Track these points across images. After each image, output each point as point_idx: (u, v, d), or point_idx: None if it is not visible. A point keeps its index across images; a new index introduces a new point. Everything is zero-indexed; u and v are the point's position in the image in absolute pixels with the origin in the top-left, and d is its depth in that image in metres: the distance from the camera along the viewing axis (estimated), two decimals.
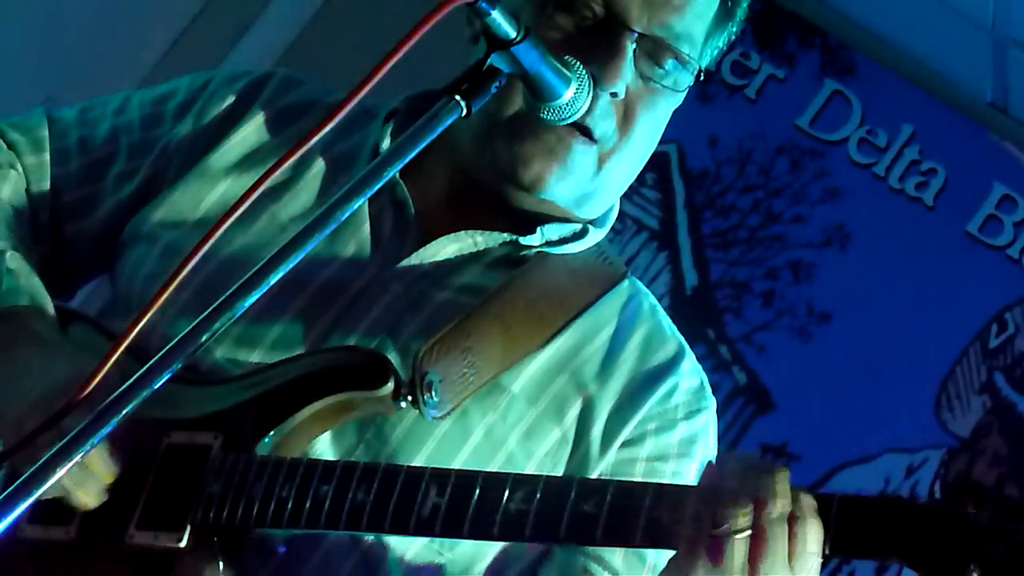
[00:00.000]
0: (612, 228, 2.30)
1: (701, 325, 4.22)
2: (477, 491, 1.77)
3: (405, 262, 2.07)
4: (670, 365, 2.13)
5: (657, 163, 4.38)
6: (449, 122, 1.73)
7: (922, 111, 4.36)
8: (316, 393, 1.93)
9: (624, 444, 2.07)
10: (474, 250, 2.11)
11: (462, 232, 2.09)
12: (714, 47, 2.16)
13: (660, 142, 2.12)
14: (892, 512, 1.63)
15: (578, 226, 2.17)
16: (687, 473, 2.11)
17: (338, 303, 2.06)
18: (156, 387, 1.57)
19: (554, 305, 2.13)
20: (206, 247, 1.60)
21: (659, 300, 3.76)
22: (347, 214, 1.65)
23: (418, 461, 1.96)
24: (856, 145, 4.33)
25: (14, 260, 2.07)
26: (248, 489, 1.87)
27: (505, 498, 1.75)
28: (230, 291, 1.58)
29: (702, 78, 2.17)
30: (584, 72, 1.87)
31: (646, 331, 2.15)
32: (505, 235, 2.10)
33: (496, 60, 1.77)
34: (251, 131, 2.20)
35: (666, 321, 2.18)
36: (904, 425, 4.09)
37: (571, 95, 1.87)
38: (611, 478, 2.04)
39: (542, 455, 2.04)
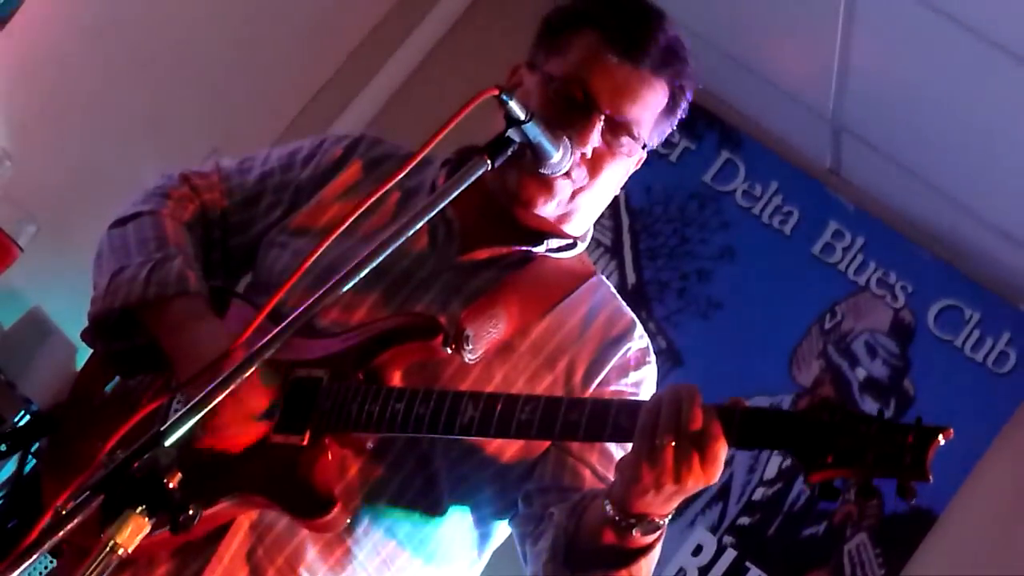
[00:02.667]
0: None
1: (637, 309, 3.88)
2: (499, 406, 2.13)
3: (453, 263, 2.48)
4: (626, 332, 2.50)
5: (611, 202, 4.79)
6: (479, 174, 2.11)
7: (784, 172, 5.09)
8: (393, 342, 2.31)
9: (597, 385, 2.43)
10: (498, 254, 2.50)
11: (493, 244, 2.49)
12: (661, 132, 2.53)
13: None
14: (774, 418, 1.99)
15: (569, 240, 2.55)
16: None
17: (408, 285, 2.45)
18: (286, 338, 1.89)
19: (550, 290, 2.49)
20: (322, 248, 1.99)
21: None
22: (414, 230, 2.02)
23: None
24: (741, 194, 5.11)
25: (185, 264, 2.45)
26: (348, 405, 2.24)
27: (518, 410, 2.12)
28: (337, 277, 1.96)
29: (647, 151, 2.50)
30: (569, 143, 2.26)
31: (610, 310, 2.52)
32: (521, 247, 2.50)
33: (511, 133, 2.14)
34: (351, 173, 2.61)
35: (623, 303, 2.57)
36: (768, 377, 4.83)
37: (559, 156, 2.25)
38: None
39: (541, 390, 2.40)
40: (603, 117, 2.37)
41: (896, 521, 4.67)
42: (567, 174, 2.36)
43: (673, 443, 1.96)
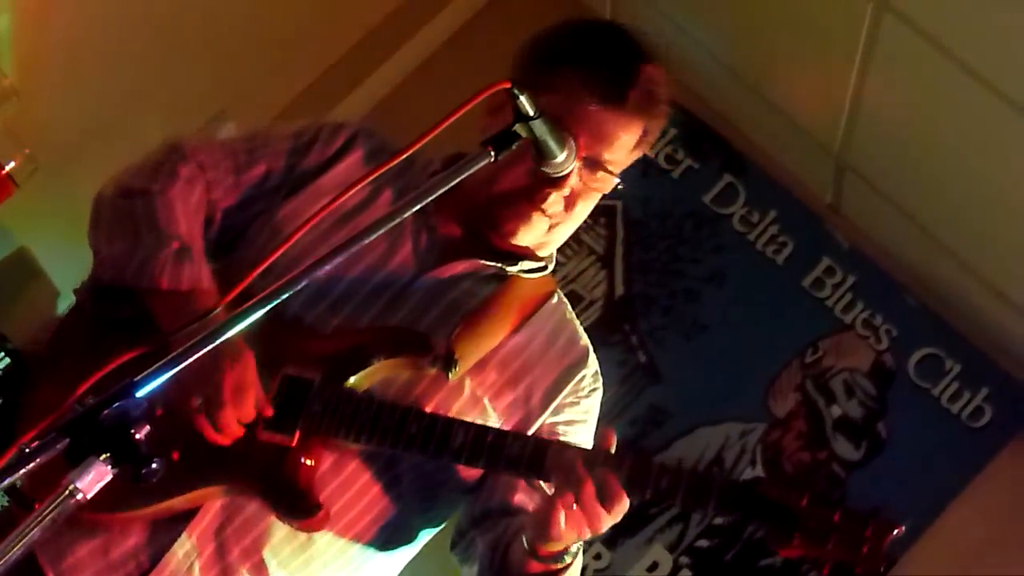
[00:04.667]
0: (575, 250, 3.18)
1: (622, 321, 4.89)
2: (490, 438, 2.36)
3: (432, 273, 2.60)
4: (582, 359, 2.68)
5: (608, 212, 5.07)
6: (481, 165, 2.10)
7: (784, 202, 5.06)
8: (385, 353, 2.44)
9: (552, 410, 2.60)
10: (473, 268, 2.63)
11: (471, 259, 2.62)
12: (633, 159, 2.64)
13: (612, 198, 2.51)
14: (748, 496, 2.24)
15: (541, 263, 2.71)
16: (586, 432, 2.67)
17: (390, 290, 2.56)
18: (274, 302, 1.90)
19: (519, 309, 2.63)
20: (298, 236, 1.97)
21: (596, 302, 4.76)
22: (408, 213, 2.02)
23: (429, 407, 2.47)
24: (739, 219, 5.06)
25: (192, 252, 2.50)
26: (339, 412, 2.37)
27: (507, 445, 2.35)
28: (304, 266, 1.95)
29: (610, 183, 2.60)
30: (573, 144, 2.29)
31: (568, 333, 2.69)
32: (497, 263, 2.64)
33: (519, 128, 2.15)
34: (349, 164, 2.67)
35: (578, 325, 2.73)
36: (744, 404, 4.81)
37: (563, 156, 2.27)
38: (537, 434, 2.55)
39: (502, 408, 2.56)
40: (580, 160, 2.44)
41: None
42: (544, 212, 2.54)
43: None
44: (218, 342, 1.85)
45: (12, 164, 3.49)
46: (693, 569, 4.69)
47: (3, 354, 3.95)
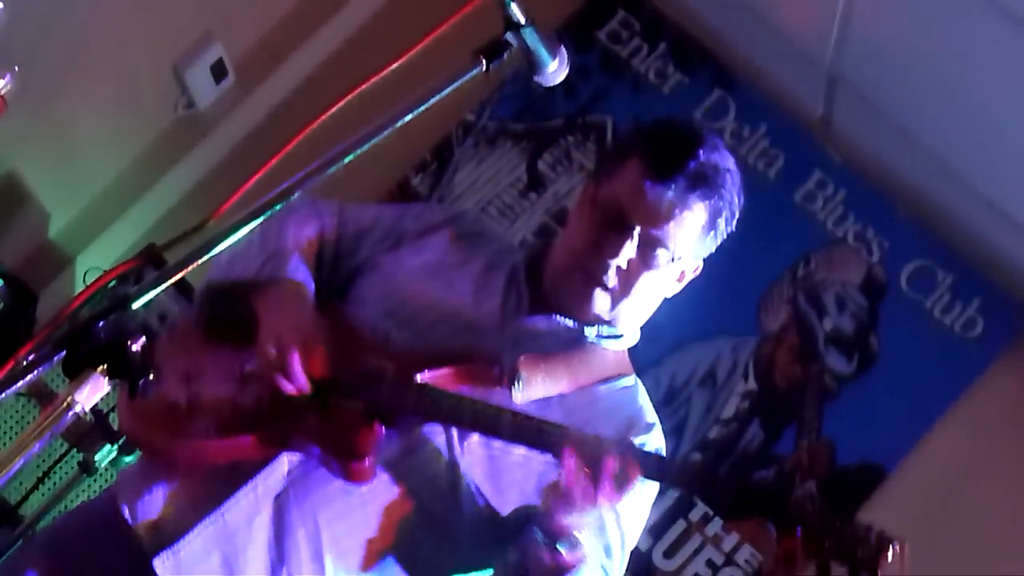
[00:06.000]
0: (565, 167, 3.28)
1: None
2: (539, 424, 2.51)
3: (514, 324, 2.78)
4: (645, 430, 2.76)
5: (598, 128, 5.10)
6: (471, 75, 2.14)
7: (774, 117, 5.11)
8: (455, 361, 2.64)
9: None
10: (555, 327, 2.78)
11: (552, 316, 2.77)
12: (705, 245, 2.79)
13: (602, 113, 3.17)
14: (758, 493, 2.43)
15: (618, 333, 2.82)
16: (636, 509, 2.72)
17: (473, 331, 2.74)
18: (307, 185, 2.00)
19: (593, 371, 2.76)
20: (330, 111, 2.12)
21: None
22: (402, 122, 2.07)
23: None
24: (730, 133, 5.09)
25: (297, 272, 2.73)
26: (406, 393, 2.58)
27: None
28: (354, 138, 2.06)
29: (679, 265, 2.75)
30: (564, 52, 2.33)
31: (636, 408, 2.79)
32: (572, 322, 2.77)
33: (509, 37, 2.17)
34: (440, 239, 2.88)
35: (650, 407, 2.81)
36: (736, 318, 4.88)
37: (555, 65, 2.31)
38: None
39: None
40: (635, 234, 2.63)
41: (846, 474, 4.71)
42: (605, 286, 2.68)
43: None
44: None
45: (1, 83, 3.46)
46: None
47: None
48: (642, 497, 2.68)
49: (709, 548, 4.67)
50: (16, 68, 3.56)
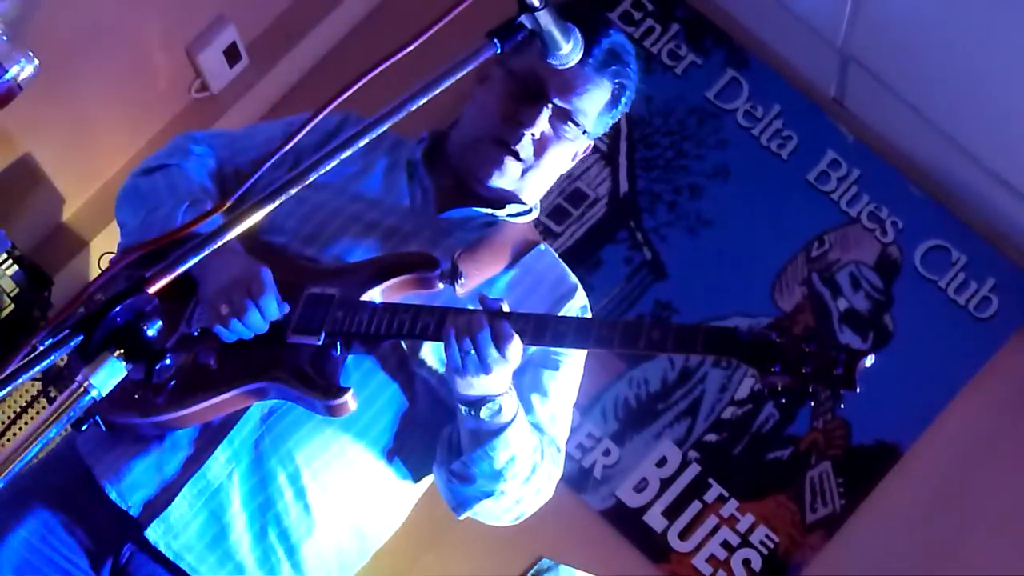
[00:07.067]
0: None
1: (627, 218, 4.94)
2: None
3: (428, 221, 2.88)
4: (570, 293, 2.92)
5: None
6: (486, 56, 2.10)
7: (787, 96, 5.07)
8: (396, 272, 2.70)
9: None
10: (467, 216, 2.91)
11: (467, 207, 2.89)
12: (605, 123, 2.93)
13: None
14: (731, 337, 2.44)
15: (526, 207, 2.98)
16: (572, 363, 2.90)
17: (396, 236, 2.83)
18: (269, 205, 1.92)
19: (511, 250, 2.88)
20: (274, 157, 2.04)
21: (601, 200, 4.99)
22: (407, 111, 2.02)
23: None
24: (743, 114, 5.07)
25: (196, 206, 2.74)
26: (358, 314, 2.62)
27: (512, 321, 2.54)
28: (326, 150, 2.02)
29: (591, 139, 2.92)
30: (578, 34, 2.31)
31: (557, 274, 2.95)
32: (486, 210, 2.90)
33: (524, 19, 2.16)
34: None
35: (567, 269, 2.97)
36: (749, 298, 4.85)
37: (569, 47, 2.29)
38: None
39: None
40: (550, 105, 2.79)
41: (861, 453, 4.70)
42: (517, 156, 2.81)
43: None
44: (223, 243, 1.89)
45: (15, 67, 3.50)
46: (701, 463, 4.74)
47: (12, 261, 4.00)
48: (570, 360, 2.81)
49: (725, 529, 4.68)
50: (30, 52, 3.58)
